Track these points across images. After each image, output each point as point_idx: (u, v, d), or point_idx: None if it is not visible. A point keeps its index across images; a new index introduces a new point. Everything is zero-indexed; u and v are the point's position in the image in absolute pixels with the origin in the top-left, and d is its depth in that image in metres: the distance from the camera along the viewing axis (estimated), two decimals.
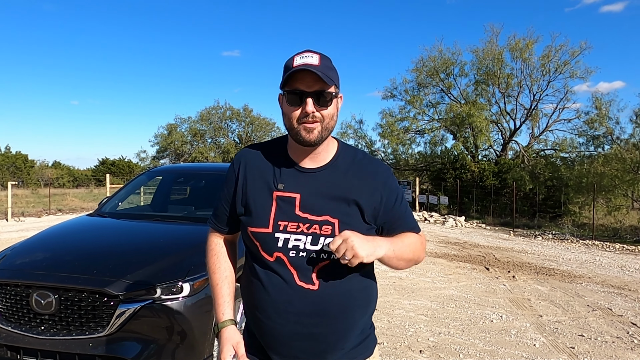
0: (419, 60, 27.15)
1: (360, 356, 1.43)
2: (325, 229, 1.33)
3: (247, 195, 1.41)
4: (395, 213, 1.42)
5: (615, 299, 6.34)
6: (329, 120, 1.33)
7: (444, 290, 6.55)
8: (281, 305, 1.34)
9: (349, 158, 1.42)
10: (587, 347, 4.43)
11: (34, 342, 2.79)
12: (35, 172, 40.25)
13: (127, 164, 43.43)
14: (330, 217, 1.34)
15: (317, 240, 1.33)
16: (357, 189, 1.37)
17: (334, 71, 1.34)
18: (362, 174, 1.39)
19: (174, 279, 2.91)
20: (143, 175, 5.23)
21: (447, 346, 4.33)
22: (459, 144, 25.36)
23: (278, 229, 1.34)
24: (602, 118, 21.86)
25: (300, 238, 1.34)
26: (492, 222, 18.44)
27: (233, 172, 1.46)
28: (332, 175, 1.38)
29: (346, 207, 1.35)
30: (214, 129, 34.56)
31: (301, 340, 1.35)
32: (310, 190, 1.36)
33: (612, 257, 10.40)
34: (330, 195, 1.36)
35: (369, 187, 1.38)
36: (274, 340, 1.37)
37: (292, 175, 1.38)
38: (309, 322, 1.34)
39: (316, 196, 1.35)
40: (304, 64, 1.28)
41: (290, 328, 1.34)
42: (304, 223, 1.34)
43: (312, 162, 1.39)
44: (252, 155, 1.45)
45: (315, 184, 1.37)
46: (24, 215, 16.23)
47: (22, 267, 3.06)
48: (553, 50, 24.22)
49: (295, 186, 1.37)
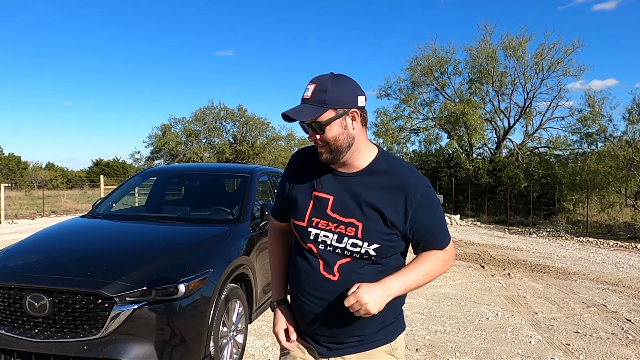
0: (413, 59, 27.22)
1: (380, 342, 1.56)
2: (350, 230, 1.47)
3: (293, 192, 1.60)
4: (423, 229, 1.50)
5: (609, 296, 6.37)
6: (333, 142, 1.45)
7: (440, 289, 6.56)
8: (307, 287, 1.54)
9: (384, 166, 1.52)
10: (582, 344, 4.45)
11: (28, 345, 2.76)
12: (28, 174, 39.98)
13: (121, 165, 43.23)
14: (355, 220, 1.47)
15: (341, 239, 1.47)
16: (383, 198, 1.46)
17: (332, 92, 1.42)
18: (391, 183, 1.48)
19: (169, 280, 2.89)
20: (137, 176, 5.20)
21: (443, 344, 4.34)
22: (454, 142, 25.43)
23: (311, 224, 1.52)
24: (595, 116, 21.99)
25: (328, 235, 1.49)
26: (487, 220, 18.51)
27: (287, 170, 1.66)
28: (364, 182, 1.50)
29: (371, 213, 1.46)
30: (208, 129, 34.43)
31: (320, 320, 1.54)
32: (342, 193, 1.50)
33: (606, 254, 10.47)
34: (358, 199, 1.48)
35: (395, 198, 1.46)
36: (300, 315, 1.60)
37: (329, 178, 1.54)
38: (327, 307, 1.51)
39: (346, 199, 1.49)
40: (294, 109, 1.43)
41: (312, 308, 1.54)
42: (332, 222, 1.49)
43: (347, 169, 1.53)
44: (303, 157, 1.63)
45: (347, 188, 1.50)
46: (17, 218, 16.12)
47: (15, 270, 3.03)
48: (546, 49, 24.35)
49: (330, 188, 1.52)
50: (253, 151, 33.12)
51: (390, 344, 1.58)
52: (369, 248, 1.45)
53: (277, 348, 4.15)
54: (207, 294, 3.07)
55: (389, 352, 1.57)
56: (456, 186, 22.38)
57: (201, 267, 3.12)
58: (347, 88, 1.46)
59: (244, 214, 4.10)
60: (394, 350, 1.58)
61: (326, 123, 1.43)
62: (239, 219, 4.06)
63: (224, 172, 5.37)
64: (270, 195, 5.18)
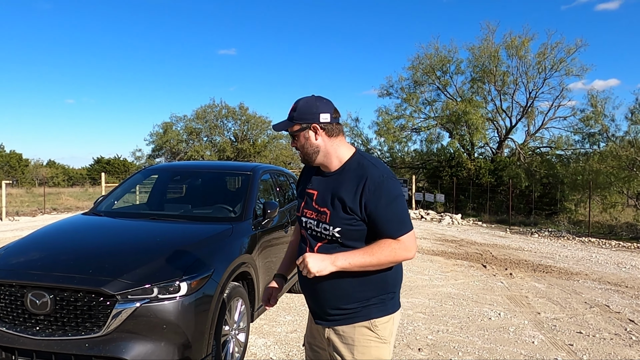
0: (415, 57, 27.10)
1: (360, 318, 1.83)
2: (323, 217, 1.83)
3: (299, 190, 2.06)
4: (376, 216, 1.75)
5: (612, 296, 6.35)
6: (301, 149, 1.88)
7: (442, 288, 6.54)
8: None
9: (354, 165, 1.85)
10: (585, 344, 4.42)
11: (29, 342, 2.75)
12: (29, 171, 40.02)
13: (123, 163, 43.26)
14: (326, 209, 1.82)
15: (318, 224, 1.85)
16: (347, 189, 1.79)
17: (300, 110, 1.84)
18: (355, 176, 1.80)
19: (171, 278, 2.87)
20: (139, 174, 5.18)
21: (446, 344, 4.32)
22: (455, 141, 25.35)
23: (303, 214, 1.94)
24: (597, 115, 21.90)
25: (312, 222, 1.88)
26: (489, 220, 18.47)
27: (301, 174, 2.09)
28: (337, 179, 1.86)
29: (336, 202, 1.80)
30: (209, 127, 34.40)
31: (311, 294, 1.93)
32: (322, 189, 1.89)
33: (609, 254, 10.43)
34: (331, 192, 1.84)
35: (355, 188, 1.77)
36: (301, 288, 2.02)
37: (317, 178, 1.94)
38: (311, 285, 1.88)
39: (324, 193, 1.87)
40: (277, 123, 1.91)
41: (305, 285, 1.94)
42: (314, 212, 1.87)
43: (327, 169, 1.91)
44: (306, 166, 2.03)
45: (326, 185, 1.88)
46: (19, 215, 16.12)
47: (16, 267, 3.02)
48: (549, 48, 24.23)
49: (316, 186, 1.92)
50: (254, 150, 33.10)
51: (371, 321, 1.83)
52: (334, 231, 1.79)
53: (279, 347, 4.14)
54: (209, 292, 3.05)
55: (368, 327, 1.83)
56: (457, 186, 22.33)
57: (203, 265, 3.10)
58: (311, 107, 1.84)
59: (246, 212, 4.09)
60: (373, 327, 1.83)
61: (294, 134, 1.88)
62: (241, 217, 4.04)
63: (226, 170, 5.35)
64: (273, 193, 5.15)
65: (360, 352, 1.83)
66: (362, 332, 1.83)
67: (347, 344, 1.85)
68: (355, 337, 1.83)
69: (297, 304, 5.44)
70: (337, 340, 1.87)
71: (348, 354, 1.84)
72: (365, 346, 1.83)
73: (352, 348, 1.84)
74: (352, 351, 1.84)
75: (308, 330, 2.10)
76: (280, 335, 4.42)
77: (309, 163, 1.92)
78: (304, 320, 4.85)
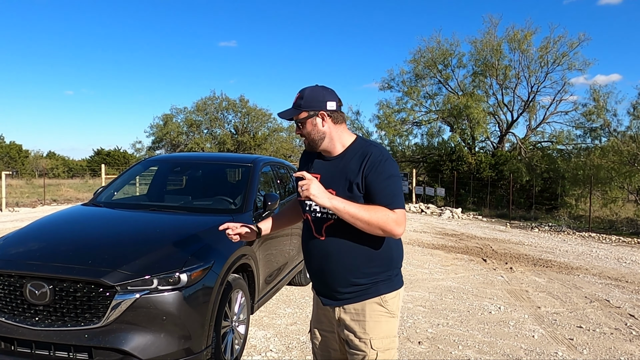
0: (416, 51, 26.95)
1: (371, 295, 1.92)
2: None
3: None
4: (374, 188, 1.85)
5: (612, 291, 6.34)
6: (307, 135, 1.96)
7: (442, 282, 6.54)
8: (306, 249, 2.05)
9: (357, 148, 1.95)
10: (585, 339, 4.42)
11: (29, 333, 2.74)
12: (29, 163, 40.01)
13: (123, 155, 43.23)
14: (332, 189, 1.88)
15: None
16: (350, 168, 1.90)
17: (307, 99, 1.92)
18: (358, 156, 1.91)
19: (171, 270, 2.86)
20: (138, 165, 5.15)
21: (446, 337, 4.31)
22: (456, 135, 25.28)
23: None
24: (599, 110, 21.81)
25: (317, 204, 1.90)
26: (489, 214, 18.46)
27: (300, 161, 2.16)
28: (340, 162, 1.95)
29: (342, 181, 1.90)
30: (209, 119, 34.31)
31: (319, 274, 2.00)
32: (325, 172, 1.98)
33: (609, 249, 10.43)
34: (335, 175, 1.94)
35: (357, 165, 1.88)
36: (309, 272, 2.07)
37: (319, 162, 2.02)
38: (321, 261, 1.97)
39: (328, 176, 1.95)
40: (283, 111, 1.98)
41: (312, 265, 2.03)
42: None
43: (329, 154, 2.00)
44: (305, 153, 2.13)
45: (329, 168, 1.98)
46: (18, 206, 16.12)
47: (15, 257, 3.00)
48: (551, 42, 24.09)
49: (318, 169, 2.00)
50: (254, 142, 33.04)
51: (381, 296, 1.93)
52: None
53: (278, 339, 4.13)
54: (209, 284, 3.03)
55: (379, 303, 1.93)
56: (458, 180, 22.31)
57: (203, 257, 3.08)
58: (318, 95, 1.93)
59: (246, 204, 4.06)
60: (384, 302, 1.94)
61: (301, 121, 1.94)
62: (241, 209, 4.02)
63: (227, 161, 5.32)
64: (273, 185, 5.13)
65: (372, 328, 1.91)
66: (373, 307, 1.92)
67: (359, 321, 1.92)
68: (367, 313, 1.92)
69: (296, 296, 5.43)
70: (349, 318, 1.94)
71: (361, 330, 1.92)
72: (377, 321, 1.92)
73: (364, 324, 1.92)
74: (365, 327, 1.91)
75: (314, 316, 2.15)
76: (280, 328, 4.42)
77: (313, 149, 1.99)
78: (304, 312, 4.84)
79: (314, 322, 2.15)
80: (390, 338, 1.95)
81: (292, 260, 5.03)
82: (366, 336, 1.91)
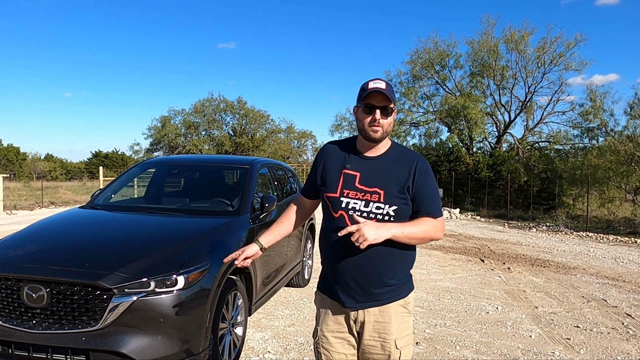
0: (414, 52, 26.98)
1: (395, 298, 1.97)
2: (374, 197, 1.90)
3: (325, 172, 2.03)
4: (423, 194, 1.92)
5: (609, 290, 6.36)
6: (387, 126, 1.93)
7: (440, 282, 6.55)
8: (339, 249, 1.93)
9: (397, 151, 2.00)
10: (582, 338, 4.43)
11: (26, 336, 2.74)
12: (27, 165, 39.91)
13: (121, 157, 43.14)
14: (378, 189, 1.90)
15: (368, 204, 1.91)
16: (398, 171, 1.93)
17: (394, 94, 1.94)
18: (402, 161, 1.95)
19: (168, 272, 2.86)
20: (136, 167, 5.15)
21: (444, 338, 4.32)
22: (454, 136, 25.32)
23: (343, 194, 1.94)
24: (596, 110, 21.85)
25: (357, 202, 1.92)
26: (487, 214, 18.50)
27: (318, 158, 2.10)
28: (383, 162, 1.97)
29: (390, 183, 1.91)
30: (207, 121, 34.30)
31: (352, 274, 1.93)
32: (367, 170, 1.95)
33: (606, 249, 10.46)
34: (380, 174, 1.93)
35: (406, 169, 1.93)
36: (334, 273, 1.98)
37: (356, 160, 1.99)
38: (358, 261, 1.91)
39: (370, 174, 1.94)
40: (377, 87, 1.88)
41: (343, 266, 1.94)
42: (360, 192, 1.92)
43: (372, 153, 1.99)
44: (332, 147, 2.08)
45: (371, 167, 1.96)
46: (16, 208, 16.08)
47: (13, 260, 3.00)
48: (548, 42, 24.15)
49: (357, 167, 1.96)
50: (253, 144, 33.04)
51: (404, 299, 1.99)
52: (389, 209, 1.88)
53: (276, 341, 4.14)
54: (207, 286, 3.04)
55: (403, 306, 1.99)
56: (456, 180, 22.35)
57: (201, 259, 3.09)
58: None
59: (244, 205, 4.07)
60: (407, 304, 2.00)
61: (390, 110, 1.93)
62: (239, 210, 4.02)
63: (224, 163, 5.33)
64: (271, 187, 5.14)
65: (397, 328, 1.97)
66: (398, 310, 1.98)
67: (384, 322, 1.97)
68: (392, 315, 1.97)
69: (294, 298, 5.44)
70: (373, 320, 1.97)
71: (386, 331, 1.96)
72: (401, 322, 1.99)
73: (390, 326, 1.96)
74: (390, 329, 1.96)
75: (322, 320, 2.07)
76: (278, 329, 4.42)
77: (374, 140, 1.93)
78: (302, 314, 4.85)
79: (323, 326, 2.07)
80: (410, 335, 2.03)
81: (290, 262, 5.03)
82: (391, 337, 1.96)
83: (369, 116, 1.90)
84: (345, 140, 2.13)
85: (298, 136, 36.36)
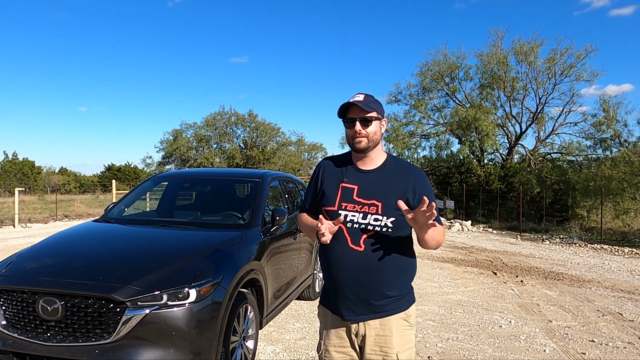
0: (423, 64, 27.08)
1: (396, 310, 1.98)
2: (372, 209, 1.94)
3: (323, 186, 2.07)
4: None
5: (625, 304, 6.25)
6: (372, 135, 1.97)
7: (452, 296, 6.49)
8: (338, 261, 1.96)
9: (394, 164, 2.05)
10: (598, 353, 4.36)
11: (41, 349, 2.77)
12: (42, 179, 40.48)
13: (133, 170, 43.61)
14: (376, 201, 1.94)
15: (366, 216, 1.94)
16: (396, 184, 1.97)
17: (375, 103, 2.00)
18: (400, 174, 2.00)
19: (180, 285, 2.89)
20: (149, 181, 5.22)
21: (456, 352, 4.28)
22: (465, 147, 25.22)
23: (341, 207, 1.97)
24: (609, 121, 21.64)
25: (355, 215, 1.95)
26: (499, 226, 18.32)
27: (316, 172, 2.15)
28: (381, 175, 2.01)
29: (387, 195, 1.94)
30: (219, 134, 34.61)
31: (351, 286, 1.95)
32: (365, 183, 1.99)
33: (621, 261, 10.29)
34: (377, 187, 1.97)
35: (405, 182, 1.98)
36: (333, 285, 2.00)
37: (353, 173, 2.03)
38: (356, 273, 1.93)
39: (367, 187, 1.98)
40: (351, 101, 1.96)
41: (343, 277, 1.96)
42: (357, 205, 1.96)
43: (368, 166, 2.03)
44: (329, 162, 2.15)
45: (368, 179, 2.00)
46: (31, 222, 16.30)
47: (28, 274, 3.06)
48: (558, 53, 24.08)
49: (354, 180, 2.01)
50: (263, 156, 33.21)
51: (405, 312, 2.00)
52: (387, 221, 1.91)
53: (287, 354, 4.13)
54: (218, 299, 3.06)
55: (404, 319, 2.00)
56: (467, 192, 22.21)
57: (212, 272, 3.12)
58: (381, 105, 2.05)
59: (255, 219, 4.10)
60: (408, 317, 2.01)
61: (370, 118, 1.96)
62: (250, 224, 4.05)
63: (235, 177, 5.38)
64: (282, 200, 5.17)
65: (398, 342, 1.98)
66: (399, 322, 1.99)
67: (385, 336, 1.97)
68: (393, 328, 1.98)
69: (305, 311, 5.43)
70: (374, 333, 1.98)
71: (388, 344, 1.97)
72: (402, 335, 2.00)
73: (391, 339, 1.97)
74: (392, 342, 1.97)
75: (325, 334, 2.09)
76: (289, 343, 4.41)
77: (361, 151, 1.99)
78: (313, 327, 4.84)
79: (326, 340, 2.08)
80: (412, 349, 2.04)
81: (300, 275, 5.04)
82: (393, 351, 1.96)
83: (351, 130, 1.97)
84: (341, 155, 2.19)
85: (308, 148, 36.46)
